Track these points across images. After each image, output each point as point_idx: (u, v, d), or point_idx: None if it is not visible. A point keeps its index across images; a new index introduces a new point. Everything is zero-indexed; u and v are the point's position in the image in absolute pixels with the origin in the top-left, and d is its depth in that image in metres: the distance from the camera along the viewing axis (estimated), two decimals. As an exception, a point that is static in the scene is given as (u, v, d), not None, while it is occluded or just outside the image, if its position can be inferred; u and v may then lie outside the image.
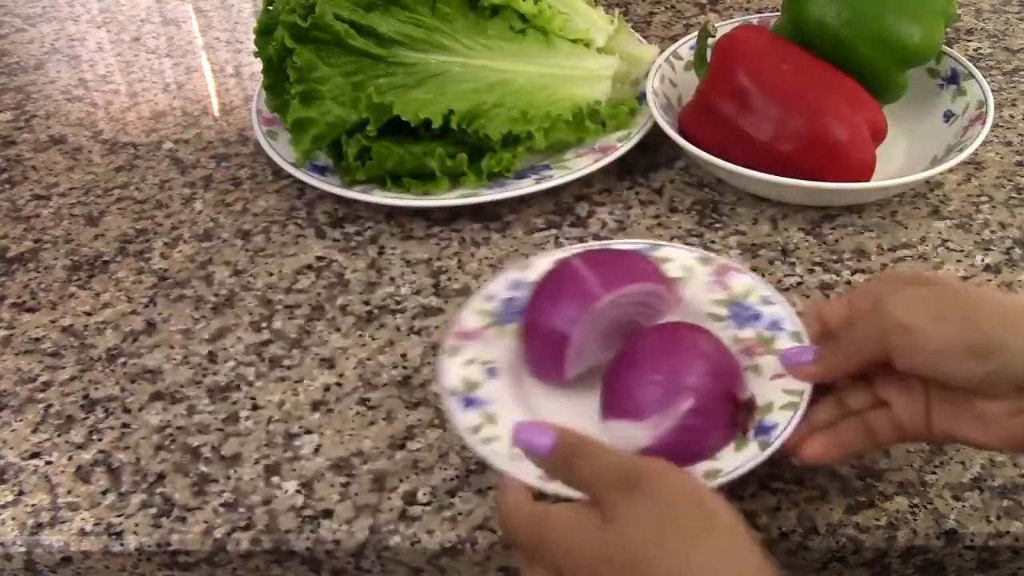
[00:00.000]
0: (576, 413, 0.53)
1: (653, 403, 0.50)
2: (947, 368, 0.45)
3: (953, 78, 0.77)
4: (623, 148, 0.75)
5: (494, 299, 0.59)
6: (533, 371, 0.56)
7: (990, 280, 0.66)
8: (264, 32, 0.75)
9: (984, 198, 0.73)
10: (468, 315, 0.58)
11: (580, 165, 0.74)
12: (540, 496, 0.44)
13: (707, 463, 0.50)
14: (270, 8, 0.75)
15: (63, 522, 0.54)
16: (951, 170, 0.73)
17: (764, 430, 0.50)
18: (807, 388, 0.51)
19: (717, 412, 0.51)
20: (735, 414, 0.51)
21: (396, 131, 0.71)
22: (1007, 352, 0.44)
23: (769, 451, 0.49)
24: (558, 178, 0.73)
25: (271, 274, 0.69)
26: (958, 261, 0.68)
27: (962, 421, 0.47)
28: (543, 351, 0.55)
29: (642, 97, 0.80)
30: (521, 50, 0.76)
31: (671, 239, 0.70)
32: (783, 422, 0.50)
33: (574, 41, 0.78)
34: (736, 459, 0.49)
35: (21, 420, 0.60)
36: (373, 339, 0.64)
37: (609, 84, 0.77)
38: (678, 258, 0.60)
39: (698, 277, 0.59)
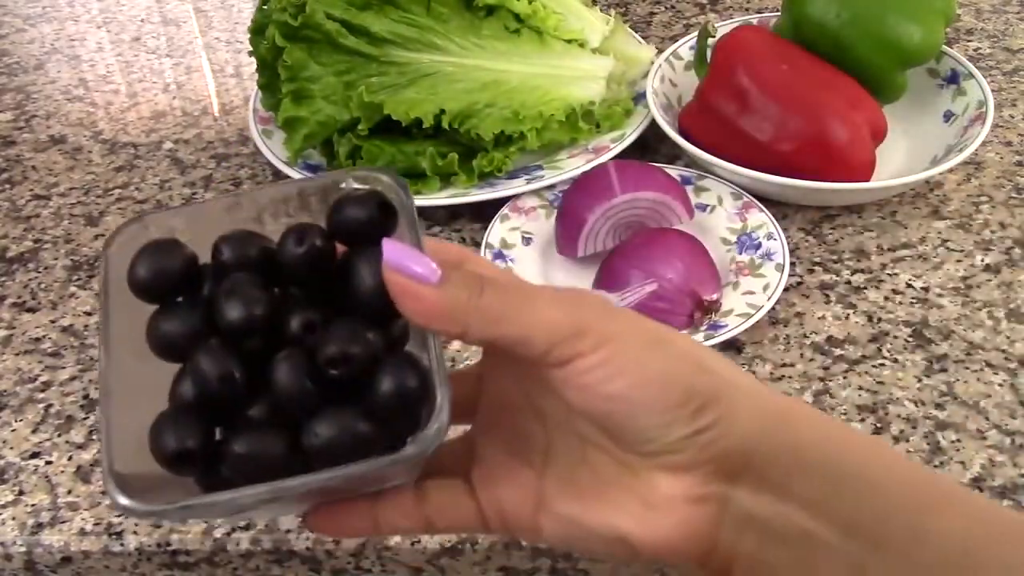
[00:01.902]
0: (577, 283, 0.66)
1: (627, 282, 0.62)
2: (642, 411, 0.32)
3: (953, 78, 0.77)
4: (617, 148, 0.75)
5: (555, 189, 0.72)
6: (557, 246, 0.68)
7: (990, 280, 0.66)
8: (258, 31, 0.75)
9: (984, 198, 0.73)
10: (528, 196, 0.72)
11: (573, 165, 0.74)
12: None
13: None
14: (264, 7, 0.75)
15: (63, 522, 0.54)
16: (951, 170, 0.73)
17: (715, 327, 0.61)
18: (766, 304, 0.61)
19: (678, 303, 0.61)
20: (694, 310, 0.62)
21: (388, 130, 0.72)
22: (729, 412, 0.33)
23: (710, 343, 0.59)
24: (550, 178, 0.73)
25: (271, 274, 0.69)
26: (958, 261, 0.68)
27: (614, 501, 0.34)
28: (565, 230, 0.67)
29: (639, 97, 0.80)
30: (515, 50, 0.76)
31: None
32: (732, 324, 0.60)
33: (569, 41, 0.78)
34: None
35: (21, 420, 0.60)
36: (373, 339, 0.64)
37: (603, 84, 0.77)
38: (715, 189, 0.71)
39: (725, 207, 0.70)
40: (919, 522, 0.31)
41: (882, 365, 0.60)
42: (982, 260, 0.68)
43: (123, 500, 0.30)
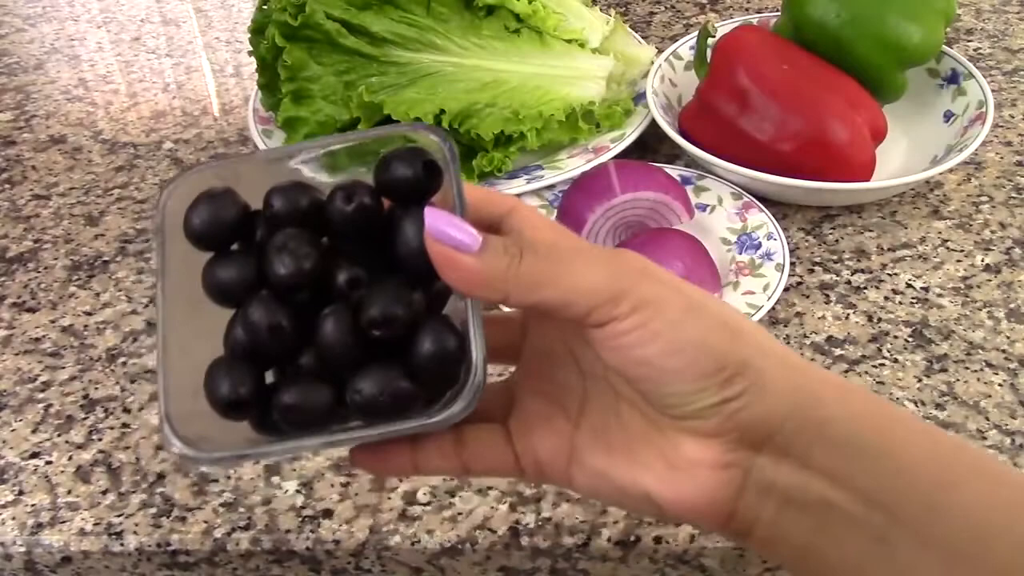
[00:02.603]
0: None
1: None
2: (672, 377, 0.33)
3: (953, 78, 0.77)
4: (616, 148, 0.75)
5: (555, 189, 0.72)
6: None
7: (990, 280, 0.66)
8: (258, 31, 0.75)
9: (984, 198, 0.73)
10: (528, 196, 0.72)
11: (573, 165, 0.74)
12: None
13: None
14: (264, 7, 0.75)
15: (63, 522, 0.54)
16: (951, 170, 0.73)
17: None
18: (766, 304, 0.60)
19: None
20: None
21: None
22: (758, 384, 0.33)
23: None
24: (550, 178, 0.73)
25: (271, 274, 0.69)
26: (958, 261, 0.68)
27: (642, 460, 0.35)
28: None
29: (639, 97, 0.80)
30: (515, 50, 0.76)
31: (671, 239, 0.71)
32: None
33: (569, 41, 0.78)
34: None
35: (21, 420, 0.60)
36: (373, 339, 0.64)
37: (603, 84, 0.77)
38: (715, 189, 0.71)
39: (725, 207, 0.70)
40: (940, 497, 0.32)
41: (882, 365, 0.60)
42: (982, 260, 0.68)
43: (180, 447, 0.32)
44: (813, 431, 0.33)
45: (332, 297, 0.34)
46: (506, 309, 0.40)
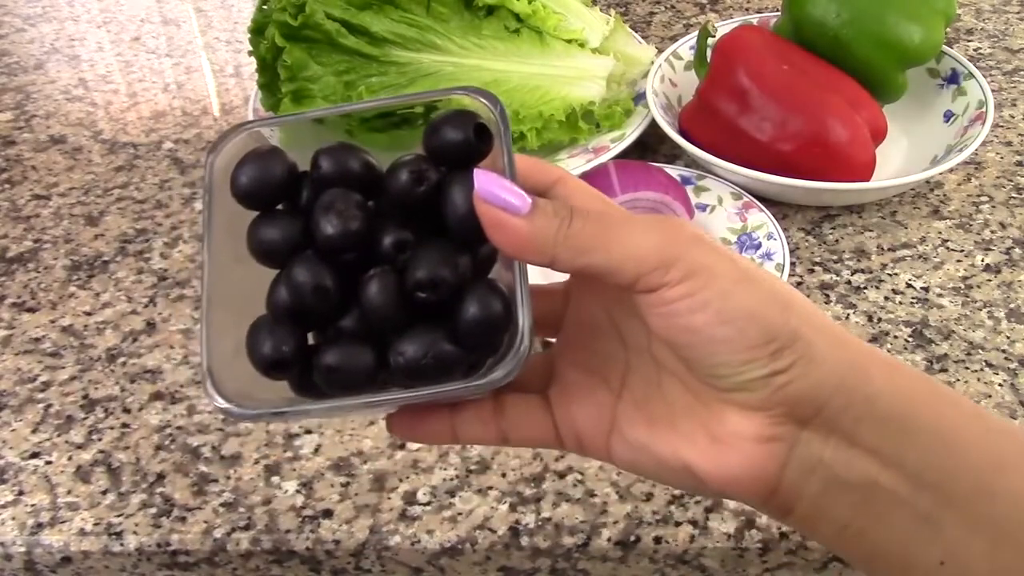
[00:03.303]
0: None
1: None
2: (721, 347, 0.32)
3: (953, 78, 0.77)
4: (617, 148, 0.75)
5: None
6: None
7: (990, 280, 0.66)
8: (258, 31, 0.75)
9: (984, 198, 0.73)
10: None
11: (573, 165, 0.74)
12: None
13: None
14: (264, 7, 0.75)
15: (63, 522, 0.54)
16: (951, 170, 0.73)
17: None
18: None
19: None
20: None
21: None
22: (807, 357, 0.32)
23: None
24: None
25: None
26: (958, 261, 0.68)
27: (686, 433, 0.34)
28: None
29: (639, 97, 0.80)
30: (515, 50, 0.76)
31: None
32: None
33: (569, 41, 0.78)
34: None
35: (21, 420, 0.60)
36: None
37: (603, 84, 0.77)
38: (715, 189, 0.71)
39: (725, 207, 0.70)
40: (989, 479, 0.32)
41: (882, 365, 0.60)
42: (982, 260, 0.68)
43: (221, 402, 0.32)
44: (861, 407, 0.32)
45: (378, 260, 0.33)
46: (549, 280, 0.39)
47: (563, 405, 0.37)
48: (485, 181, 0.32)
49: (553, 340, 0.37)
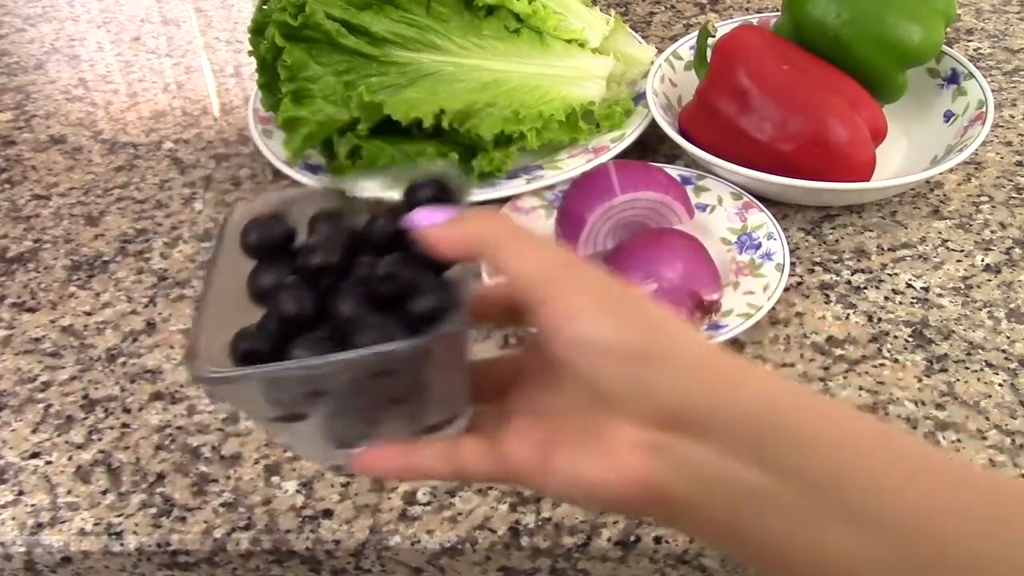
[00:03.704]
0: None
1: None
2: (592, 360, 0.36)
3: (953, 78, 0.77)
4: (617, 148, 0.75)
5: (555, 189, 0.72)
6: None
7: (990, 280, 0.66)
8: (258, 31, 0.75)
9: (984, 198, 0.73)
10: (528, 197, 0.72)
11: (573, 165, 0.74)
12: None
13: None
14: (264, 7, 0.75)
15: (63, 522, 0.54)
16: (951, 170, 0.73)
17: (715, 327, 0.61)
18: (766, 304, 0.61)
19: (678, 303, 0.61)
20: (694, 310, 0.62)
21: (388, 130, 0.72)
22: (666, 366, 0.35)
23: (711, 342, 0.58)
24: (550, 178, 0.73)
25: (271, 274, 0.69)
26: (958, 261, 0.68)
27: (587, 449, 0.36)
28: (565, 230, 0.67)
29: (639, 97, 0.80)
30: (515, 50, 0.76)
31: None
32: (732, 324, 0.60)
33: (569, 41, 0.78)
34: None
35: (21, 420, 0.60)
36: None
37: (603, 84, 0.77)
38: (715, 189, 0.71)
39: (725, 206, 0.70)
40: (851, 472, 0.34)
41: (882, 365, 0.60)
42: (982, 260, 0.68)
43: (199, 368, 0.37)
44: (726, 413, 0.35)
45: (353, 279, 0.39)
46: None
47: (512, 444, 0.39)
48: (425, 212, 0.38)
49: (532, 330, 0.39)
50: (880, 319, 0.63)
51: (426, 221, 0.38)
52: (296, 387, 0.38)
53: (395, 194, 0.42)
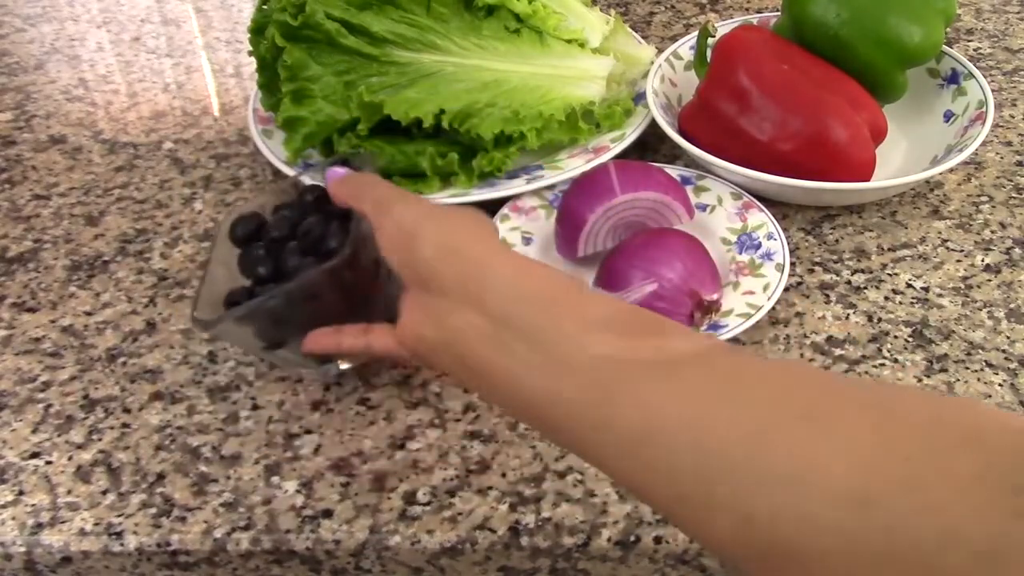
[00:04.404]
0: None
1: (627, 283, 0.62)
2: (390, 253, 0.49)
3: (953, 78, 0.77)
4: (617, 148, 0.75)
5: (555, 189, 0.73)
6: (557, 246, 0.69)
7: (990, 280, 0.66)
8: (258, 31, 0.75)
9: (984, 198, 0.73)
10: (528, 197, 0.72)
11: (573, 165, 0.74)
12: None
13: None
14: (264, 7, 0.75)
15: (63, 522, 0.54)
16: (951, 170, 0.74)
17: (715, 327, 0.61)
18: (766, 304, 0.62)
19: (678, 303, 0.61)
20: (694, 310, 0.62)
21: (388, 130, 0.72)
22: (425, 245, 0.47)
23: None
24: (550, 178, 0.73)
25: (271, 274, 0.69)
26: (958, 261, 0.68)
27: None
28: (565, 230, 0.68)
29: (639, 97, 0.80)
30: (515, 50, 0.76)
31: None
32: (732, 324, 0.61)
33: (569, 41, 0.78)
34: None
35: (21, 420, 0.60)
36: (373, 339, 0.64)
37: (603, 84, 0.77)
38: (715, 189, 0.72)
39: (725, 207, 0.70)
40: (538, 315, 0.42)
41: (882, 365, 0.60)
42: (982, 260, 0.68)
43: (200, 315, 0.54)
44: (459, 273, 0.45)
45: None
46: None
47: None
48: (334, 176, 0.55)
49: None
50: (880, 319, 0.63)
51: (329, 178, 0.55)
52: (263, 317, 0.53)
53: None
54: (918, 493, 0.30)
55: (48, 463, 0.57)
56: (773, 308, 0.63)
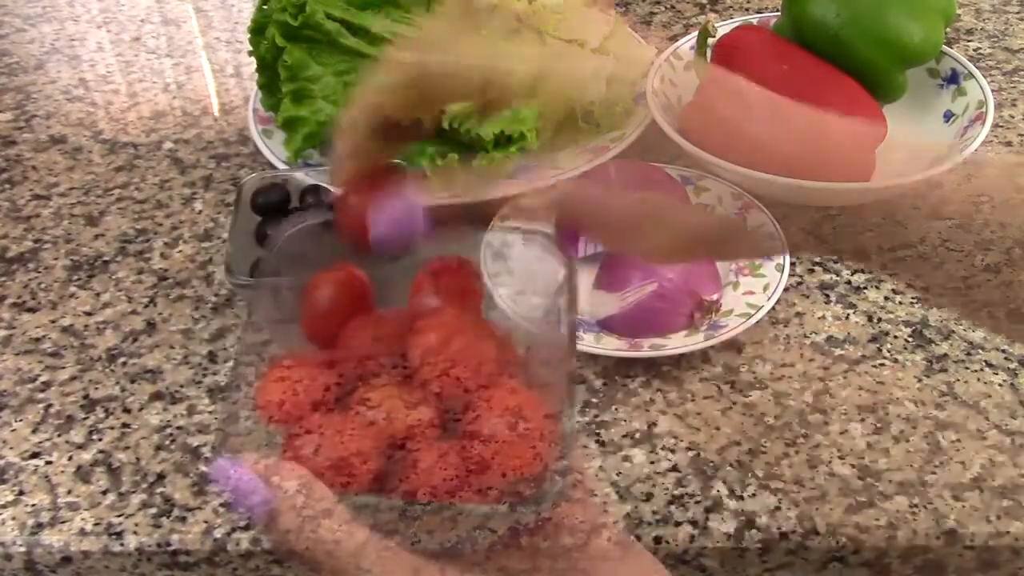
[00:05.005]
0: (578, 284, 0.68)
1: (627, 283, 0.62)
2: None
3: (953, 78, 0.77)
4: (616, 149, 0.75)
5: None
6: (557, 246, 0.68)
7: (990, 280, 0.66)
8: (258, 31, 0.75)
9: (984, 198, 0.73)
10: (529, 197, 0.70)
11: (573, 165, 0.74)
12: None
13: (657, 339, 0.62)
14: (264, 7, 0.75)
15: (63, 522, 0.54)
16: (951, 170, 0.73)
17: (715, 327, 0.61)
18: (766, 304, 0.62)
19: (679, 303, 0.62)
20: (695, 310, 0.62)
21: None
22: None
23: (710, 343, 0.60)
24: (549, 178, 0.73)
25: (271, 274, 0.69)
26: (958, 261, 0.68)
27: None
28: (566, 230, 0.66)
29: (639, 97, 0.80)
30: (515, 50, 0.76)
31: (671, 239, 0.71)
32: (732, 324, 0.61)
33: (569, 41, 0.78)
34: (681, 342, 0.61)
35: (21, 420, 0.60)
36: (373, 339, 0.64)
37: (603, 85, 0.77)
38: (715, 189, 0.72)
39: (725, 206, 0.71)
40: None
41: (882, 365, 0.60)
42: (982, 260, 0.68)
43: (237, 279, 0.61)
44: None
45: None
46: None
47: None
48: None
49: None
50: (880, 319, 0.63)
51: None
52: (287, 291, 0.53)
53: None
54: None
55: (48, 463, 0.57)
56: (773, 308, 0.63)
